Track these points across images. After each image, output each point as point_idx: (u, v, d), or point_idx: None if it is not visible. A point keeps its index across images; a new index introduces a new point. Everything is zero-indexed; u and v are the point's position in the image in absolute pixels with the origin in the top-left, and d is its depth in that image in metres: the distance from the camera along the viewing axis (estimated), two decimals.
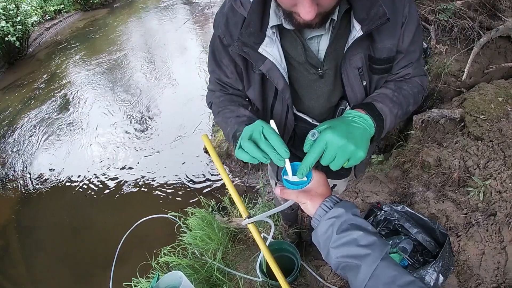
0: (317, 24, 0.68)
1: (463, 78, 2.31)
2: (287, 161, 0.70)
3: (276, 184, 1.46)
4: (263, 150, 0.69)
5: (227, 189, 1.22)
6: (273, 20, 0.75)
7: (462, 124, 2.13)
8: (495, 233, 1.69)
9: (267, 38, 0.76)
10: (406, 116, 0.89)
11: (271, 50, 0.77)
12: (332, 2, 0.63)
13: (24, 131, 3.98)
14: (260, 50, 0.76)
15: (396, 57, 0.82)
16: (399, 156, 2.25)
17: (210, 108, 1.02)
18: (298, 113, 0.93)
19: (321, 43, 0.80)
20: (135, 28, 6.80)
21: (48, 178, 3.22)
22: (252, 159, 0.71)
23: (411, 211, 1.92)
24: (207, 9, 6.92)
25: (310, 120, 0.93)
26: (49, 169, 3.33)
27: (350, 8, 0.73)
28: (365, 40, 0.77)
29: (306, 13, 0.60)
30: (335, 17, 0.73)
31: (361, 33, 0.72)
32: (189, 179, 2.90)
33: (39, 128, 3.98)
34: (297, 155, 1.01)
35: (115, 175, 3.12)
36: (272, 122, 0.72)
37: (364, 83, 0.82)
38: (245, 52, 0.77)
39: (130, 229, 2.34)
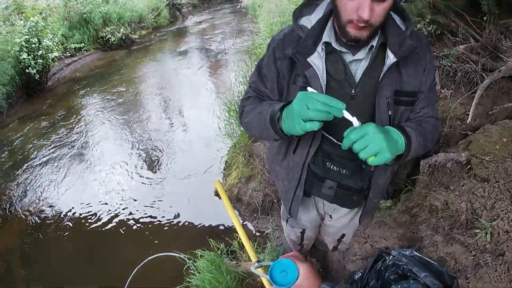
0: (364, 38, 0.94)
1: (468, 121, 2.53)
2: (346, 112, 0.88)
3: (287, 221, 1.64)
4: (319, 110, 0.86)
5: (237, 233, 1.42)
6: (325, 38, 1.02)
7: (469, 166, 2.31)
8: (504, 273, 1.81)
9: (316, 53, 1.02)
10: (425, 150, 1.14)
11: (317, 62, 1.02)
12: (379, 18, 0.90)
13: (36, 162, 4.32)
14: (308, 59, 1.02)
15: (419, 95, 1.09)
16: (407, 201, 2.43)
17: (241, 115, 1.24)
18: (324, 133, 1.13)
19: (359, 68, 1.05)
20: (151, 70, 7.47)
21: (56, 210, 3.46)
22: (315, 124, 0.88)
23: (419, 255, 2.07)
24: (221, 56, 7.58)
25: (334, 140, 1.12)
26: (58, 201, 3.59)
27: (385, 42, 1.00)
28: (395, 73, 1.03)
29: (366, 12, 0.84)
30: (374, 43, 1.00)
31: (395, 59, 0.98)
32: (197, 221, 3.10)
33: (51, 160, 4.32)
34: (316, 172, 1.23)
35: (123, 211, 3.35)
36: (309, 88, 0.92)
37: (390, 113, 1.05)
38: (297, 57, 1.02)
39: (139, 266, 2.51)
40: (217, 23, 11.80)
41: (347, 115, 0.89)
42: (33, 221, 3.38)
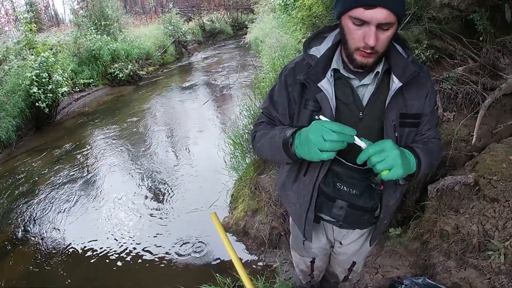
0: (370, 64, 1.04)
1: (473, 142, 2.55)
2: (356, 137, 0.98)
3: (303, 243, 1.61)
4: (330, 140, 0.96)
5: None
6: (334, 65, 1.13)
7: (477, 187, 2.31)
8: None
9: (325, 79, 1.12)
10: (431, 170, 1.24)
11: (326, 87, 1.13)
12: (383, 45, 1.00)
13: (44, 194, 4.41)
14: (318, 84, 1.12)
15: (423, 118, 1.19)
16: (417, 228, 2.41)
17: (253, 139, 1.35)
18: None
19: (366, 92, 1.15)
20: (158, 105, 7.78)
21: (62, 243, 3.49)
22: (332, 153, 0.99)
23: (432, 282, 2.05)
24: (226, 91, 7.83)
25: (343, 161, 1.19)
26: (64, 234, 3.63)
27: (390, 69, 1.11)
28: (400, 97, 1.13)
29: (372, 39, 0.95)
30: (379, 69, 1.10)
31: (400, 83, 1.09)
32: (203, 255, 3.10)
33: (58, 193, 4.40)
34: (327, 192, 1.28)
35: (128, 244, 3.37)
36: (321, 116, 1.03)
37: (396, 134, 1.14)
38: (308, 83, 1.13)
39: None
40: (222, 59, 12.29)
41: (357, 140, 1.00)
42: (40, 249, 3.43)
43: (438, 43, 3.25)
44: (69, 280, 3.02)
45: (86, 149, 5.73)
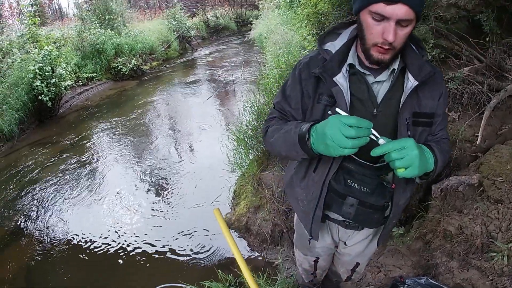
0: (386, 61, 1.04)
1: (477, 143, 2.54)
2: (373, 130, 0.98)
3: (309, 241, 1.61)
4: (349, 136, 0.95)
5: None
6: (349, 60, 1.13)
7: (481, 188, 2.31)
8: None
9: (341, 73, 1.12)
10: (442, 169, 1.23)
11: (342, 81, 1.13)
12: (401, 41, 1.00)
13: (45, 188, 4.43)
14: (334, 79, 1.13)
15: (436, 118, 1.20)
16: (420, 227, 2.41)
17: (265, 134, 1.34)
18: None
19: (381, 89, 1.15)
20: (161, 100, 7.79)
21: (63, 238, 3.49)
22: (352, 150, 0.97)
23: (435, 283, 2.05)
24: (229, 86, 7.82)
25: (356, 158, 1.18)
26: (65, 228, 3.64)
27: (405, 67, 1.12)
28: (414, 97, 1.13)
29: (391, 35, 0.96)
30: (395, 66, 1.11)
31: (417, 82, 1.09)
32: (205, 251, 3.11)
33: (60, 187, 4.42)
34: (337, 189, 1.26)
35: (130, 239, 3.37)
36: (337, 109, 1.02)
37: (409, 133, 1.14)
38: (324, 76, 1.13)
39: None
40: (226, 55, 12.29)
41: (373, 132, 0.99)
42: (40, 243, 3.45)
43: (444, 42, 3.23)
44: (69, 275, 3.03)
45: (88, 142, 5.74)
